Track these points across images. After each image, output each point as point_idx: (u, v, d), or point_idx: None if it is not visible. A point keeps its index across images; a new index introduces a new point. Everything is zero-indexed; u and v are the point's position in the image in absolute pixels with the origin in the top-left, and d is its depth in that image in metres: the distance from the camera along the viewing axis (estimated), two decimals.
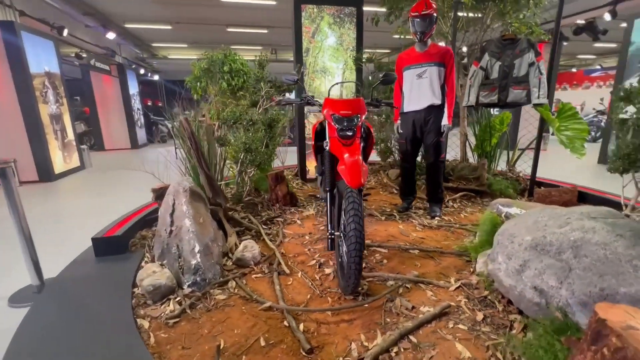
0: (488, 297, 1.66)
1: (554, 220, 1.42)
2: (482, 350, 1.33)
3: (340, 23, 3.97)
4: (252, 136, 2.44)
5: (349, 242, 1.48)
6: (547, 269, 1.27)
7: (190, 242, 1.88)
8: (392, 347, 1.35)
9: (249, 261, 2.05)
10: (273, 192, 3.07)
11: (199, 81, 2.79)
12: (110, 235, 2.23)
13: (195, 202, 2.21)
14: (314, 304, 1.68)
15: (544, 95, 3.03)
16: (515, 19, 3.13)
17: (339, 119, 1.84)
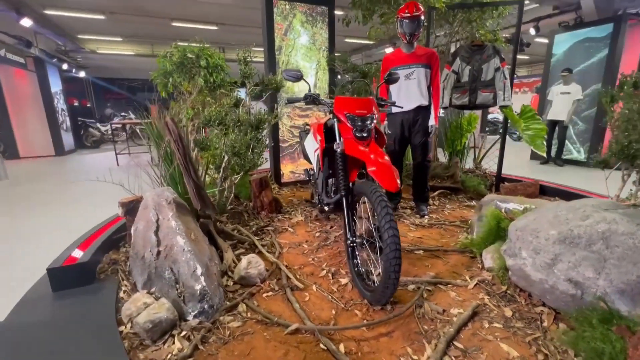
0: (507, 292, 1.70)
1: (573, 213, 1.50)
2: (525, 347, 1.34)
3: (313, 22, 3.86)
4: (241, 138, 2.20)
5: (388, 250, 1.38)
6: (582, 261, 1.32)
7: (189, 263, 1.60)
8: (442, 357, 1.28)
9: (255, 278, 1.82)
10: (257, 199, 2.83)
11: (170, 77, 2.43)
12: (72, 263, 1.80)
13: (183, 216, 1.90)
14: (343, 320, 1.54)
15: (509, 98, 3.30)
16: (480, 26, 3.37)
17: (355, 119, 1.74)
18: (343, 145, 1.79)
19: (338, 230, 2.60)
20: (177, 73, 2.43)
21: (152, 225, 1.80)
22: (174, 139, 1.80)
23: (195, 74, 2.46)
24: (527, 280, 1.57)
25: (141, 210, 1.96)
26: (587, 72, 6.16)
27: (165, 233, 1.75)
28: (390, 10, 3.69)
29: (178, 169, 2.18)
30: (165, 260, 1.67)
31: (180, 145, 1.82)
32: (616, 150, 1.62)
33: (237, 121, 2.24)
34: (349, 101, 1.78)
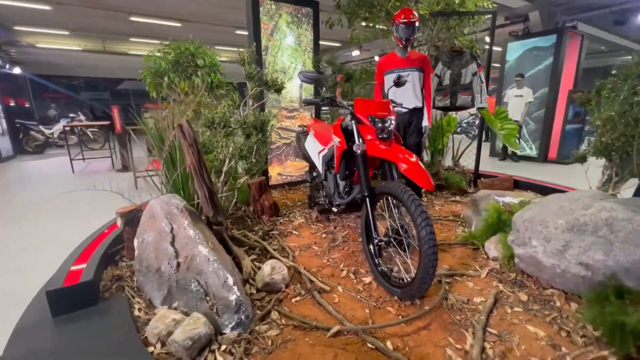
0: (517, 278, 1.86)
1: (574, 204, 1.68)
2: (548, 326, 1.48)
3: (298, 23, 3.85)
4: (248, 141, 2.13)
5: (426, 247, 1.44)
6: (592, 246, 1.50)
7: (218, 273, 1.52)
8: (482, 343, 1.37)
9: (280, 284, 1.78)
10: (257, 203, 2.75)
11: (165, 76, 2.27)
12: (74, 283, 1.61)
13: (197, 224, 1.80)
14: (378, 318, 1.57)
15: (485, 100, 3.59)
16: (459, 33, 3.61)
17: (376, 121, 1.78)
18: (364, 146, 1.82)
19: (342, 230, 2.63)
20: (174, 72, 2.28)
21: (166, 236, 1.68)
22: (189, 143, 1.69)
23: (191, 73, 2.33)
24: (537, 266, 1.73)
25: (146, 220, 1.82)
26: (535, 77, 6.88)
27: (183, 243, 1.65)
28: (372, 15, 3.80)
29: (182, 175, 2.05)
30: (188, 272, 1.57)
31: (195, 149, 1.72)
32: (601, 148, 1.84)
33: (242, 123, 2.16)
34: (370, 103, 1.82)
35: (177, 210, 1.79)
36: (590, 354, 1.30)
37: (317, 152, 2.54)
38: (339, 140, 1.96)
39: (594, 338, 1.36)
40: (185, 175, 2.06)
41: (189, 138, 1.69)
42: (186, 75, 2.34)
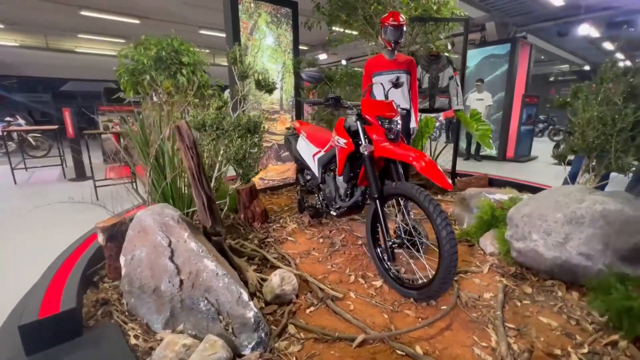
0: (517, 272, 1.94)
1: (568, 198, 1.79)
2: (557, 316, 1.55)
3: (278, 23, 3.75)
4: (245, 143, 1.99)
5: (448, 247, 1.43)
6: (592, 238, 1.60)
7: (230, 289, 1.38)
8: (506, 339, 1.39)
9: (290, 295, 1.68)
10: (248, 210, 2.60)
11: (146, 74, 2.04)
12: (53, 313, 1.37)
13: (197, 236, 1.64)
14: (399, 322, 1.53)
15: (461, 103, 3.77)
16: (435, 38, 3.76)
17: (385, 121, 1.76)
18: (372, 147, 1.78)
19: (338, 234, 2.58)
20: (157, 70, 2.08)
21: (163, 251, 1.50)
22: (188, 146, 1.53)
23: (175, 71, 2.14)
24: (537, 259, 1.81)
25: (136, 234, 1.62)
26: (493, 82, 7.41)
27: (185, 258, 1.48)
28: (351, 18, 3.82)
29: (172, 182, 1.87)
30: (194, 290, 1.41)
31: (194, 153, 1.56)
32: (583, 146, 1.99)
33: (236, 125, 2.02)
34: (377, 104, 1.79)
35: (173, 221, 1.61)
36: (602, 339, 1.38)
37: (312, 154, 2.46)
38: (345, 142, 1.91)
39: (603, 324, 1.45)
40: (176, 182, 1.88)
41: (187, 141, 1.53)
42: (169, 73, 2.14)
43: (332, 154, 2.23)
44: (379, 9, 3.40)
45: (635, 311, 1.34)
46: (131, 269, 1.59)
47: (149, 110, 2.10)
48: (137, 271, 1.56)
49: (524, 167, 6.90)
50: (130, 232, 1.67)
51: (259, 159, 2.25)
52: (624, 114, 1.85)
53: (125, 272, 1.62)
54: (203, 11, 7.66)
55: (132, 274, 1.58)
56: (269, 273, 1.97)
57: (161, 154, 1.80)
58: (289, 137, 2.83)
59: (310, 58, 3.89)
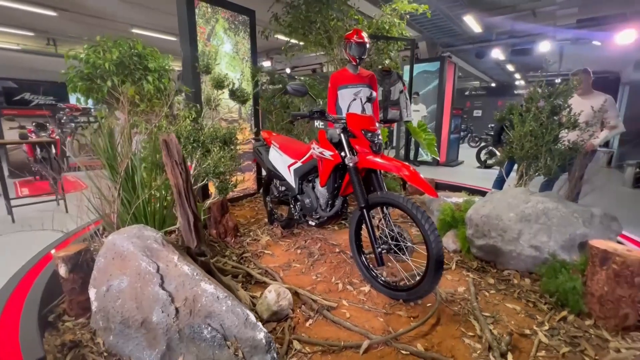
0: (479, 266, 2.21)
1: (517, 199, 2.12)
2: (518, 301, 1.82)
3: (236, 30, 3.66)
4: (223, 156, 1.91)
5: (435, 250, 1.58)
6: (539, 232, 1.92)
7: (236, 310, 1.32)
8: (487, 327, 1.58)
9: (287, 310, 1.65)
10: (220, 225, 2.47)
11: (109, 79, 1.79)
12: None
13: (186, 258, 1.52)
14: (394, 323, 1.63)
15: (410, 114, 4.14)
16: (387, 55, 4.08)
17: (369, 134, 1.86)
18: (357, 159, 1.87)
19: (314, 244, 2.61)
20: (118, 75, 1.85)
21: (152, 278, 1.36)
22: (177, 161, 1.42)
23: (140, 77, 1.95)
24: (495, 253, 2.10)
25: (109, 262, 1.45)
26: (426, 95, 8.26)
27: (178, 283, 1.37)
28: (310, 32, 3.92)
29: (147, 201, 1.70)
30: (193, 318, 1.31)
31: (183, 169, 1.45)
32: (522, 154, 2.38)
33: (214, 137, 1.92)
34: (361, 118, 1.89)
35: (157, 244, 1.47)
36: (555, 316, 1.67)
37: (287, 165, 2.46)
38: (332, 154, 1.96)
39: (553, 303, 1.75)
40: (150, 200, 1.71)
41: (176, 155, 1.41)
42: (133, 80, 1.93)
43: (311, 165, 2.26)
44: (339, 25, 3.56)
45: (577, 289, 1.65)
46: (107, 302, 1.40)
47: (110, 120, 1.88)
48: (117, 304, 1.38)
49: (454, 171, 7.79)
50: (101, 261, 1.47)
51: (234, 171, 2.17)
52: (550, 129, 2.27)
53: (99, 306, 1.42)
54: (137, 9, 7.01)
55: (110, 307, 1.39)
56: (255, 290, 1.91)
57: (133, 168, 1.62)
58: (259, 147, 2.77)
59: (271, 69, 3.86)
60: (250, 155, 3.90)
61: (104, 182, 1.81)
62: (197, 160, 1.98)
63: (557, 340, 1.49)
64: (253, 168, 4.03)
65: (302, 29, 3.76)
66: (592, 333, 1.53)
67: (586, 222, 1.90)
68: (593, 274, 1.63)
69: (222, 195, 2.11)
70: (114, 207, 1.66)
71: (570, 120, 2.35)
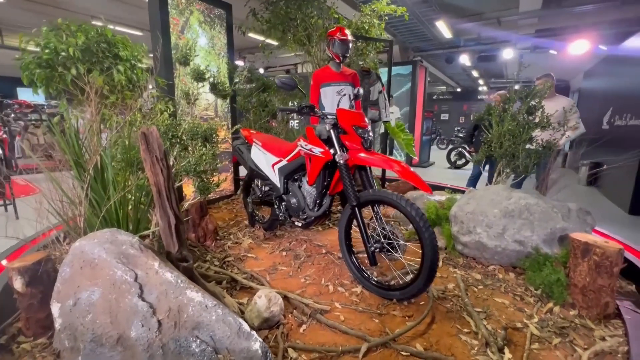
0: (464, 262, 2.24)
1: (499, 196, 2.18)
2: (505, 295, 1.85)
3: (211, 24, 3.48)
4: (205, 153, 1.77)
5: (430, 247, 1.56)
6: (522, 227, 1.97)
7: (227, 320, 1.20)
8: None
9: (278, 316, 1.55)
10: (199, 228, 2.31)
11: (72, 66, 1.58)
12: None
13: (167, 264, 1.38)
14: (390, 323, 1.59)
15: (389, 115, 4.18)
16: (366, 55, 4.10)
17: (360, 130, 1.82)
18: (347, 156, 1.82)
19: (299, 245, 2.52)
20: (83, 63, 1.65)
21: (129, 288, 1.21)
22: (158, 157, 1.27)
23: (109, 66, 1.76)
24: (480, 249, 2.14)
25: (76, 272, 1.28)
26: (399, 98, 8.46)
27: (160, 293, 1.23)
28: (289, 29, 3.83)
29: (120, 202, 1.53)
30: (179, 330, 1.18)
31: (164, 166, 1.30)
32: (500, 153, 2.46)
33: (194, 133, 1.78)
34: (352, 114, 1.84)
35: (134, 249, 1.32)
36: (542, 308, 1.71)
37: (271, 164, 2.36)
38: (322, 151, 1.89)
39: (539, 296, 1.80)
40: (126, 201, 1.54)
41: (157, 150, 1.27)
42: (102, 68, 1.74)
43: (297, 163, 2.18)
44: (319, 23, 3.51)
45: (561, 281, 1.71)
46: (75, 317, 1.23)
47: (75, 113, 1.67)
48: (87, 319, 1.21)
49: (427, 171, 8.03)
50: (66, 270, 1.29)
51: (216, 170, 2.02)
52: (527, 128, 2.37)
53: (64, 323, 1.24)
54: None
55: (78, 324, 1.22)
56: (242, 296, 1.80)
57: (104, 166, 1.45)
58: (240, 146, 2.64)
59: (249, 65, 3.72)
60: (227, 156, 3.72)
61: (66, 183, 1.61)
62: (174, 158, 1.82)
63: (548, 332, 1.52)
64: (230, 168, 3.85)
65: (282, 25, 3.67)
66: (577, 323, 1.58)
67: (565, 217, 1.98)
68: (575, 266, 1.69)
69: (204, 195, 1.96)
70: (81, 210, 1.47)
71: (543, 120, 2.46)
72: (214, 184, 1.91)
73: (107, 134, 1.61)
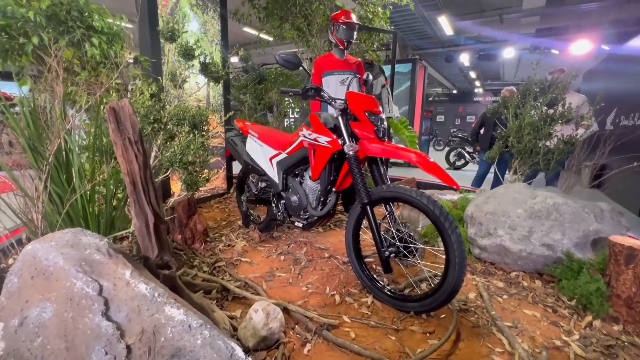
0: (482, 267, 2.03)
1: (522, 194, 1.97)
2: (535, 306, 1.63)
3: (204, 8, 3.22)
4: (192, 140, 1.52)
5: (458, 252, 1.33)
6: (551, 229, 1.76)
7: (216, 344, 0.95)
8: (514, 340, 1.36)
9: (278, 333, 1.31)
10: (187, 228, 2.05)
11: (35, 34, 1.32)
12: None
13: (142, 272, 1.12)
14: (411, 342, 1.36)
15: (392, 110, 3.96)
16: (369, 47, 3.88)
17: (374, 117, 1.59)
18: (357, 147, 1.59)
19: (299, 248, 2.27)
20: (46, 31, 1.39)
21: (90, 304, 0.96)
22: (132, 140, 1.02)
23: (80, 39, 1.49)
24: (501, 253, 1.92)
25: (26, 283, 1.03)
26: (398, 96, 8.27)
27: (130, 310, 0.97)
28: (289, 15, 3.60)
29: (89, 198, 1.26)
30: (154, 358, 0.92)
31: (138, 151, 1.05)
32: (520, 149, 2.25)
33: (181, 117, 1.52)
34: (364, 98, 1.61)
35: (100, 254, 1.06)
36: (579, 322, 1.50)
37: (268, 158, 2.11)
38: (329, 140, 1.65)
39: (574, 307, 1.58)
40: (92, 196, 1.28)
41: (130, 130, 1.01)
42: (71, 40, 1.48)
43: (298, 156, 1.94)
44: (320, 9, 3.28)
45: (601, 291, 1.50)
46: (20, 341, 0.97)
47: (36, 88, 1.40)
48: (36, 344, 0.95)
49: None
50: (13, 281, 1.03)
51: (206, 162, 1.77)
52: (549, 121, 2.17)
53: (7, 348, 0.98)
54: None
55: (24, 349, 0.96)
56: (234, 307, 1.55)
57: (67, 152, 1.19)
58: (233, 138, 2.38)
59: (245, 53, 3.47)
60: (219, 150, 3.46)
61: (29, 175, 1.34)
62: (158, 147, 1.57)
63: (593, 352, 1.31)
64: (223, 165, 3.59)
65: (280, 12, 3.42)
66: (624, 340, 1.37)
67: (598, 218, 1.78)
68: (618, 274, 1.48)
69: (192, 191, 1.71)
70: (39, 205, 1.20)
71: (565, 113, 2.26)
72: (203, 178, 1.66)
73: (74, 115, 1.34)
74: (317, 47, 3.64)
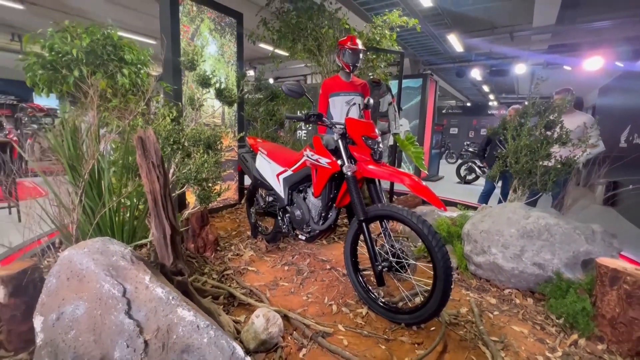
0: (478, 284, 2.10)
1: (517, 215, 2.05)
2: (524, 323, 1.70)
3: (222, 32, 3.49)
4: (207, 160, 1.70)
5: (444, 268, 1.44)
6: (542, 249, 1.84)
7: (220, 343, 1.10)
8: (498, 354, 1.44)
9: (277, 338, 1.44)
10: (199, 238, 2.23)
11: (76, 68, 1.55)
12: None
13: (160, 278, 1.29)
14: (399, 352, 1.46)
15: (399, 127, 4.09)
16: (377, 66, 4.05)
17: (370, 141, 1.73)
18: (355, 168, 1.73)
19: (302, 259, 2.41)
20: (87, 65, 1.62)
21: (116, 304, 1.12)
22: (154, 164, 1.20)
23: (114, 70, 1.72)
24: (495, 271, 2.00)
25: (63, 284, 1.20)
26: (409, 111, 8.38)
27: (149, 310, 1.13)
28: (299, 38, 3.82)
29: (115, 210, 1.45)
30: (167, 353, 1.08)
31: (160, 173, 1.23)
32: (517, 169, 2.34)
33: (197, 139, 1.71)
34: (362, 124, 1.75)
35: (124, 261, 1.23)
36: (565, 340, 1.56)
37: (275, 174, 2.28)
38: (329, 162, 1.80)
39: (561, 325, 1.65)
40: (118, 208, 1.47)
41: (153, 156, 1.20)
42: (106, 71, 1.70)
43: (303, 174, 2.09)
44: (330, 32, 3.48)
45: (587, 311, 1.56)
46: (57, 333, 1.14)
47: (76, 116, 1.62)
48: (70, 336, 1.12)
49: (436, 186, 7.87)
50: (52, 281, 1.21)
51: (219, 178, 1.95)
52: (545, 143, 2.25)
53: (45, 339, 1.15)
54: (114, 7, 6.69)
55: (60, 340, 1.12)
56: (239, 313, 1.69)
57: (100, 171, 1.38)
58: (244, 154, 2.57)
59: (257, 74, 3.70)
60: (232, 164, 3.67)
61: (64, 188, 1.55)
62: (176, 165, 1.75)
63: None
64: (235, 177, 3.79)
65: (292, 35, 3.65)
66: (606, 359, 1.43)
67: (589, 239, 1.84)
68: (603, 295, 1.54)
69: (204, 204, 1.88)
70: (74, 216, 1.39)
71: (562, 135, 2.34)
72: (215, 193, 1.84)
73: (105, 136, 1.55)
74: (327, 67, 3.83)
